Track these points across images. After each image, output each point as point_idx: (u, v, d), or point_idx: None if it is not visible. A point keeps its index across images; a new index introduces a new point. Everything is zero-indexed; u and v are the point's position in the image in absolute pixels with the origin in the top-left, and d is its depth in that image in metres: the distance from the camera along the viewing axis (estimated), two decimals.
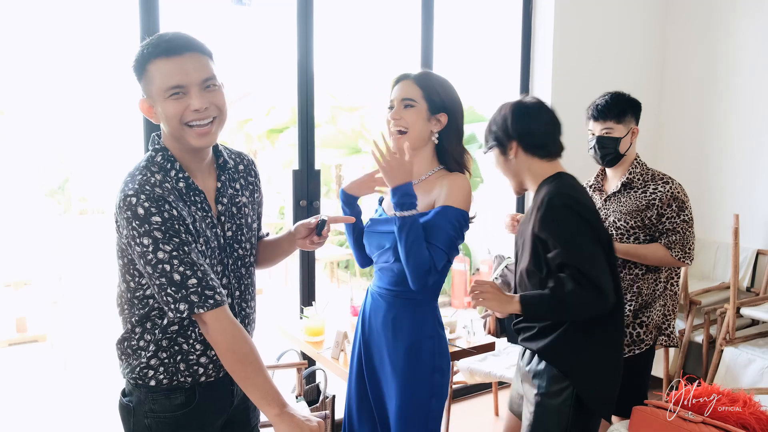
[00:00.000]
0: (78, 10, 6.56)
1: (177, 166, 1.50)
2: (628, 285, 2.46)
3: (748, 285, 3.90)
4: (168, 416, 1.56)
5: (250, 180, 1.70)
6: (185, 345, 1.53)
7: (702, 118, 4.18)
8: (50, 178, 9.08)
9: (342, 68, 7.74)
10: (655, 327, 2.48)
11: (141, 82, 1.49)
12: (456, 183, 1.82)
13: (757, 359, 3.29)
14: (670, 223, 2.38)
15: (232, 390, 1.66)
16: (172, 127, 1.47)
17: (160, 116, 1.48)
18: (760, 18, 3.85)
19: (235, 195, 1.63)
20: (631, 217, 2.43)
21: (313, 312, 2.86)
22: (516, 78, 4.05)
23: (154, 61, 1.44)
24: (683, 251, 2.38)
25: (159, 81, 1.44)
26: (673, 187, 2.41)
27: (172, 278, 1.40)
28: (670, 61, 4.34)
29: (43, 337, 5.03)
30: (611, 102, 2.44)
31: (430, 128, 1.86)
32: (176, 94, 1.44)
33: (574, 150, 4.08)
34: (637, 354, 2.44)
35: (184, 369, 1.54)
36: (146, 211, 1.39)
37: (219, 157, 1.61)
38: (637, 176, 2.47)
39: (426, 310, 1.89)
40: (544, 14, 3.93)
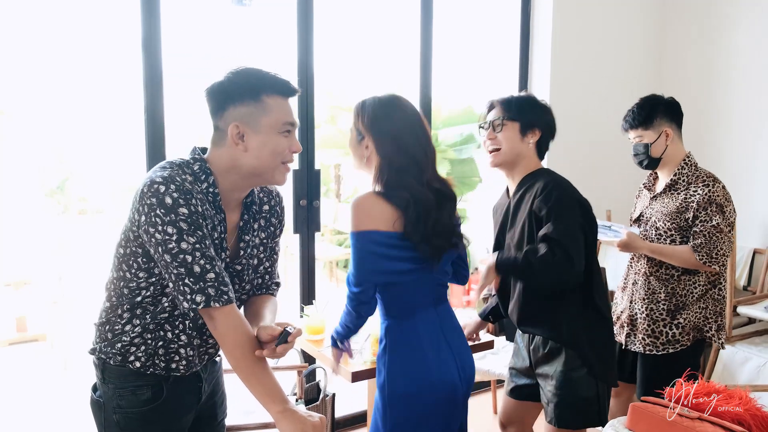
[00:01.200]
0: (78, 9, 6.57)
1: (211, 180, 1.52)
2: (662, 284, 2.48)
3: (745, 284, 3.92)
4: (135, 412, 1.58)
5: (272, 221, 1.73)
6: (170, 334, 1.56)
7: (699, 117, 4.20)
8: (50, 178, 9.09)
9: (341, 68, 7.75)
10: (694, 329, 2.47)
11: (241, 107, 1.49)
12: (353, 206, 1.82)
13: (753, 357, 3.31)
14: (702, 225, 2.36)
15: (200, 387, 1.69)
16: (269, 161, 1.52)
17: (253, 146, 1.50)
18: (758, 17, 3.87)
19: (253, 236, 1.67)
20: (669, 219, 2.44)
21: (314, 311, 2.88)
22: (515, 77, 4.07)
23: (274, 96, 1.51)
24: (709, 256, 2.34)
25: (277, 116, 1.51)
26: (713, 190, 2.37)
27: (192, 269, 1.42)
28: (668, 61, 4.36)
29: (43, 336, 5.05)
30: (637, 110, 2.49)
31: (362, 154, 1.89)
32: (287, 132, 1.53)
33: (573, 149, 4.11)
34: (671, 353, 2.48)
35: (162, 354, 1.57)
36: (174, 201, 1.41)
37: (249, 195, 1.64)
38: (683, 177, 2.46)
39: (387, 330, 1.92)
40: (542, 13, 3.95)
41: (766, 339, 3.51)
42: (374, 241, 1.77)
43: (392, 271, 1.80)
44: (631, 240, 2.44)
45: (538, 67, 4.01)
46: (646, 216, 2.56)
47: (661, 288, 2.48)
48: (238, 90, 1.49)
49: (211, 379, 1.77)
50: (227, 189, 1.55)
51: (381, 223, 1.77)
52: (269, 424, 2.53)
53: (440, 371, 1.86)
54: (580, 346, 2.07)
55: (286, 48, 3.31)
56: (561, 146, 4.00)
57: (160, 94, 2.79)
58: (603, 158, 4.06)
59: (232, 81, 1.51)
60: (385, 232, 1.77)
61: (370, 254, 1.78)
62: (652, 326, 2.50)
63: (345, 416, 3.54)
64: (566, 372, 2.08)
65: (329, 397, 3.01)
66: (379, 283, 1.82)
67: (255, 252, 1.69)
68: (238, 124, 1.49)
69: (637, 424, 1.82)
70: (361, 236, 1.78)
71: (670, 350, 2.48)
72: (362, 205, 1.79)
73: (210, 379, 1.76)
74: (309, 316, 2.85)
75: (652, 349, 2.50)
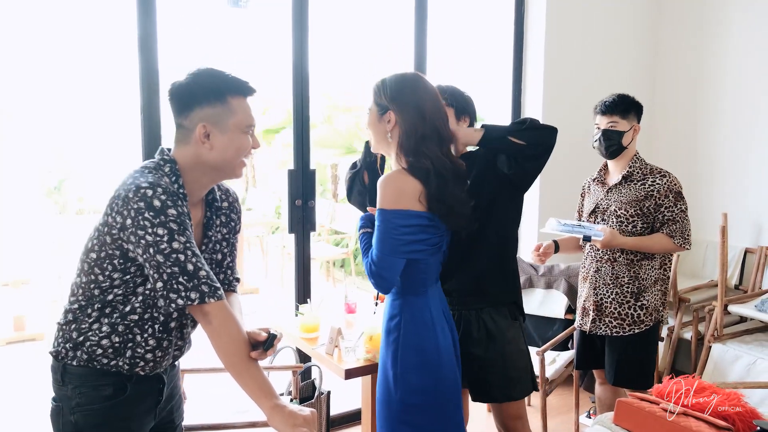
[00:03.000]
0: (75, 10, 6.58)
1: (180, 182, 1.57)
2: (626, 268, 2.67)
3: (737, 283, 3.96)
4: (95, 408, 1.58)
5: (231, 217, 1.78)
6: (138, 337, 1.58)
7: (692, 118, 4.23)
8: (48, 178, 9.10)
9: (337, 69, 7.78)
10: (655, 309, 2.70)
11: (208, 108, 1.55)
12: (381, 181, 1.89)
13: (744, 355, 3.35)
14: (669, 212, 2.61)
15: (161, 389, 1.70)
16: (231, 158, 1.59)
17: (219, 145, 1.56)
18: (751, 18, 3.91)
19: (216, 232, 1.72)
20: (630, 206, 2.63)
21: (308, 309, 2.91)
22: (508, 77, 4.10)
23: (237, 98, 1.58)
24: (683, 238, 2.62)
25: (242, 116, 1.58)
26: (670, 180, 2.63)
27: (185, 268, 1.46)
28: (662, 62, 4.40)
29: (41, 335, 5.06)
30: (618, 99, 2.67)
31: (383, 129, 1.93)
32: (249, 131, 1.61)
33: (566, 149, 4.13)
34: (637, 333, 2.68)
35: (129, 356, 1.58)
36: (163, 204, 1.45)
37: (210, 193, 1.70)
38: (636, 170, 2.68)
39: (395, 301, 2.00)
40: (536, 14, 3.98)
41: (756, 337, 3.55)
42: (400, 218, 1.85)
43: (415, 248, 1.88)
44: (613, 237, 2.57)
45: (531, 68, 4.04)
46: (602, 207, 2.73)
47: (625, 272, 2.67)
48: (204, 91, 1.55)
49: (170, 383, 1.78)
50: (191, 187, 1.60)
51: (407, 200, 1.85)
52: (257, 423, 2.55)
53: (446, 343, 1.99)
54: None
55: (281, 49, 3.34)
56: (555, 147, 4.04)
57: (156, 95, 2.82)
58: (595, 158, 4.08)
59: (197, 82, 1.56)
60: (411, 210, 1.85)
61: (394, 231, 1.85)
62: (618, 309, 2.68)
63: (340, 414, 3.57)
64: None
65: (324, 395, 3.04)
66: (402, 258, 1.88)
67: (218, 247, 1.73)
68: (206, 125, 1.55)
69: (624, 419, 1.86)
70: (389, 214, 1.85)
71: (636, 330, 2.68)
72: (390, 183, 1.87)
73: (169, 382, 1.77)
74: (304, 314, 2.89)
75: (618, 331, 2.69)
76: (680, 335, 3.83)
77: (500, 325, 2.19)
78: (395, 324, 1.98)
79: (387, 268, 1.87)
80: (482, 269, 2.16)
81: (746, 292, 3.85)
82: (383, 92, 1.92)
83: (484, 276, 2.17)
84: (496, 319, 2.18)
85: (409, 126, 1.88)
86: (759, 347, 3.40)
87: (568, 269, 3.72)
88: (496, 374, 2.20)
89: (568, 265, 3.74)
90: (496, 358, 2.18)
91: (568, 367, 3.43)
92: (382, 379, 2.02)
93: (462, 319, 2.21)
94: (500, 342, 2.18)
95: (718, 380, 3.33)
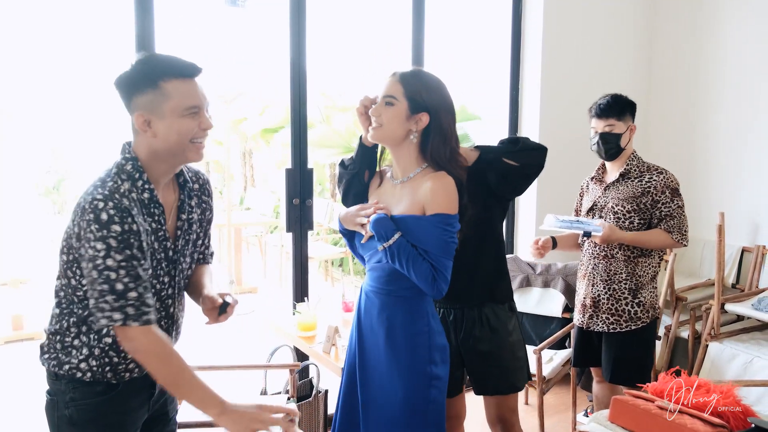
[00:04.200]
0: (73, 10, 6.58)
1: (144, 177, 1.56)
2: (624, 264, 2.69)
3: (734, 282, 3.97)
4: (89, 403, 1.59)
5: (203, 199, 1.78)
6: (116, 358, 1.59)
7: (688, 117, 4.24)
8: (46, 177, 9.11)
9: (335, 68, 7.78)
10: (651, 306, 2.73)
11: (143, 96, 1.53)
12: (440, 186, 1.86)
13: (740, 354, 3.36)
14: (666, 208, 2.63)
15: (153, 383, 1.69)
16: (177, 143, 1.55)
17: (161, 131, 1.54)
18: (747, 18, 3.92)
19: (190, 211, 1.71)
20: (627, 203, 2.67)
21: (306, 308, 2.92)
22: (506, 77, 4.11)
23: (172, 81, 1.52)
24: (680, 233, 2.64)
25: (178, 100, 1.52)
26: (666, 176, 2.66)
27: (114, 287, 1.45)
28: (657, 61, 4.41)
29: (40, 335, 5.07)
30: (612, 101, 2.68)
31: (409, 127, 1.89)
32: (192, 114, 1.55)
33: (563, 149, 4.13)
34: (633, 329, 2.71)
35: (111, 376, 1.60)
36: (109, 218, 1.45)
37: (180, 175, 1.70)
38: (633, 168, 2.71)
39: (418, 306, 1.95)
40: (533, 14, 3.99)
41: (753, 336, 3.55)
42: (456, 222, 1.88)
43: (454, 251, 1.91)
44: (612, 232, 2.58)
45: (529, 67, 4.05)
46: (599, 204, 2.76)
47: (622, 269, 2.70)
48: (138, 79, 1.53)
49: None
50: (155, 175, 1.59)
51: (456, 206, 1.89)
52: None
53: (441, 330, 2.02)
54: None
55: (279, 48, 3.35)
56: (552, 146, 4.05)
57: None
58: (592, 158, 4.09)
59: (133, 70, 1.54)
60: (456, 215, 1.88)
61: (454, 236, 1.87)
62: (615, 305, 2.71)
63: None
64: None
65: (322, 393, 3.05)
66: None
67: (194, 228, 1.73)
68: (142, 113, 1.53)
69: (620, 417, 1.87)
70: (453, 219, 1.87)
71: (633, 327, 2.70)
72: (450, 187, 1.87)
73: None
74: (301, 313, 2.90)
75: (616, 327, 2.72)
76: (677, 334, 3.83)
77: (502, 318, 2.23)
78: (423, 326, 1.95)
79: (449, 271, 1.87)
80: (486, 270, 2.18)
81: (743, 290, 3.86)
82: (421, 91, 1.88)
83: (487, 277, 2.19)
84: (498, 314, 2.22)
85: (447, 133, 1.90)
86: (756, 346, 3.41)
87: (565, 268, 3.73)
88: (502, 366, 2.23)
89: (565, 264, 3.75)
90: (501, 351, 2.22)
91: (565, 366, 3.44)
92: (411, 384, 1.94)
93: (465, 316, 2.22)
94: (503, 334, 2.22)
95: (715, 378, 3.34)
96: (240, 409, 1.48)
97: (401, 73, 1.91)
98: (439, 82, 1.95)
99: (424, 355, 1.93)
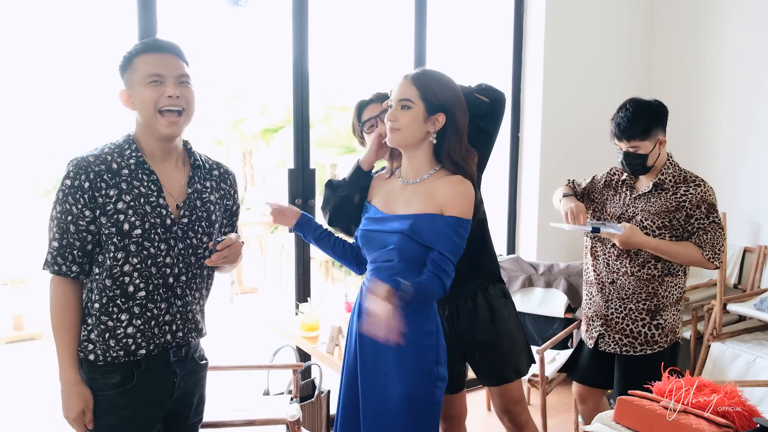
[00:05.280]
0: (75, 9, 6.58)
1: (134, 147, 1.70)
2: (644, 284, 2.44)
3: (736, 282, 3.96)
4: (104, 395, 1.68)
5: (223, 186, 1.85)
6: (110, 322, 1.67)
7: (688, 117, 4.24)
8: (45, 177, 9.10)
9: (335, 68, 7.78)
10: (671, 330, 2.48)
11: (124, 75, 1.69)
12: (458, 190, 1.86)
13: (742, 354, 3.36)
14: (699, 223, 2.35)
15: (174, 382, 1.75)
16: (147, 113, 1.67)
17: (136, 103, 1.68)
18: (746, 18, 3.91)
19: (203, 191, 1.79)
20: (658, 218, 2.39)
21: (308, 308, 2.91)
22: (508, 77, 4.11)
23: (140, 55, 1.67)
24: (713, 251, 2.34)
25: (142, 70, 1.66)
26: (704, 190, 2.37)
27: (49, 235, 1.65)
28: (657, 61, 4.41)
29: (41, 335, 5.06)
30: (633, 119, 2.36)
31: (427, 129, 1.88)
32: (155, 82, 1.65)
33: (564, 149, 4.14)
34: (649, 354, 2.46)
35: (114, 344, 1.67)
36: (66, 174, 1.62)
37: (192, 156, 1.80)
38: (669, 177, 2.42)
39: (426, 306, 1.94)
40: (535, 14, 3.99)
41: (755, 336, 3.56)
42: (467, 229, 1.88)
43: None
44: (633, 233, 2.32)
45: (530, 67, 4.05)
46: (627, 215, 2.47)
47: (642, 288, 2.43)
48: (122, 62, 1.70)
49: (190, 379, 1.81)
50: (150, 150, 1.72)
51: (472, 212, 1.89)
52: (255, 421, 2.55)
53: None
54: None
55: (280, 48, 3.35)
56: (554, 146, 4.06)
57: None
58: (594, 158, 4.09)
59: (121, 57, 1.71)
60: (470, 220, 1.89)
61: (465, 239, 1.88)
62: (631, 326, 2.46)
63: None
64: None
65: (324, 394, 3.05)
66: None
67: (208, 206, 1.79)
68: (125, 89, 1.70)
69: (625, 417, 1.86)
70: (467, 223, 1.88)
71: (648, 351, 2.46)
72: (468, 193, 1.87)
73: (188, 378, 1.80)
74: (304, 313, 2.89)
75: (629, 349, 2.47)
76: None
77: (495, 305, 2.24)
78: (432, 326, 1.95)
79: (452, 269, 1.87)
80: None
81: (745, 291, 3.85)
82: (436, 92, 1.87)
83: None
84: (491, 301, 2.23)
85: (461, 130, 1.90)
86: (758, 346, 3.41)
87: (567, 268, 3.72)
88: (502, 354, 2.24)
89: (567, 264, 3.74)
90: (500, 338, 2.23)
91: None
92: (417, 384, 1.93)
93: (459, 310, 2.22)
94: (500, 321, 2.23)
95: (717, 379, 3.34)
96: (65, 392, 1.69)
97: (413, 75, 1.90)
98: (450, 79, 1.94)
99: (432, 355, 1.92)
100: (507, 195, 4.21)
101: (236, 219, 1.92)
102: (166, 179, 1.72)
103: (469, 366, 2.34)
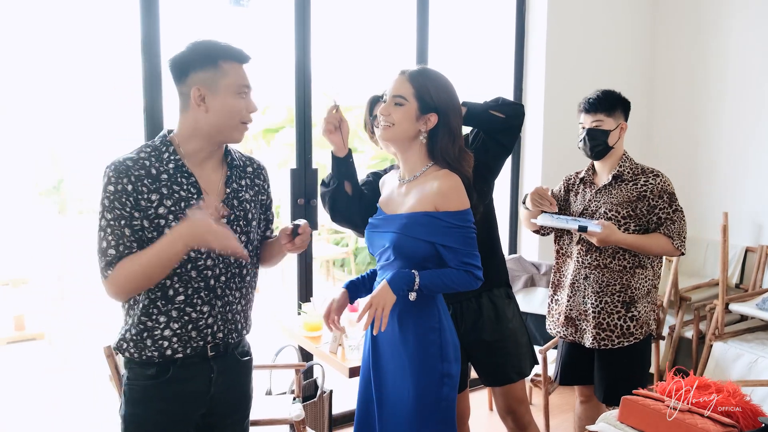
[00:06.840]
0: (76, 9, 6.58)
1: (171, 149, 1.68)
2: (617, 276, 2.50)
3: (737, 281, 3.97)
4: (139, 384, 1.70)
5: (257, 182, 1.86)
6: (149, 322, 1.67)
7: (691, 117, 4.24)
8: (46, 177, 9.08)
9: (337, 69, 7.77)
10: (645, 322, 2.55)
11: (201, 73, 1.64)
12: (449, 185, 1.87)
13: (745, 354, 3.36)
14: (665, 213, 2.46)
15: (211, 377, 1.74)
16: (228, 120, 1.66)
17: (214, 107, 1.64)
18: (749, 17, 3.92)
19: (239, 189, 1.78)
20: (622, 208, 2.48)
21: (311, 308, 2.91)
22: (510, 77, 4.11)
23: (228, 60, 1.66)
24: (680, 239, 2.47)
25: (233, 79, 1.66)
26: (663, 180, 2.50)
27: (101, 245, 1.61)
28: (660, 61, 4.41)
29: (42, 335, 5.06)
30: (602, 96, 2.53)
31: (418, 127, 1.90)
32: (244, 94, 1.68)
33: (570, 146, 4.13)
34: (626, 346, 2.52)
35: (150, 344, 1.67)
36: (108, 180, 1.60)
37: (228, 155, 1.79)
38: (626, 170, 2.53)
39: (429, 303, 1.94)
40: (537, 14, 3.99)
41: (757, 336, 3.56)
42: (471, 216, 1.90)
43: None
44: (612, 232, 2.39)
45: (532, 68, 4.05)
46: (591, 209, 2.55)
47: (616, 280, 2.51)
48: (198, 57, 1.64)
49: (231, 375, 1.80)
50: (193, 151, 1.70)
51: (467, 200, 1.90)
52: (258, 421, 2.56)
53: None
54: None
55: (282, 48, 3.34)
56: (555, 147, 4.05)
57: (159, 95, 2.83)
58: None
59: (192, 50, 1.66)
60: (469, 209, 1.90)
61: (473, 228, 1.88)
62: (607, 319, 2.51)
63: (343, 413, 3.57)
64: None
65: (326, 393, 3.04)
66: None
67: (246, 206, 1.80)
68: (200, 87, 1.63)
69: (629, 417, 1.86)
70: (467, 213, 1.88)
71: (625, 343, 2.52)
72: (457, 185, 1.88)
73: (229, 374, 1.79)
74: (306, 313, 2.89)
75: (607, 343, 2.52)
76: (681, 334, 3.83)
77: (499, 305, 2.25)
78: (434, 322, 1.95)
79: (479, 259, 1.89)
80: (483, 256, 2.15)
81: (747, 290, 3.86)
82: (431, 92, 1.88)
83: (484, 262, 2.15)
84: (495, 301, 2.24)
85: (455, 132, 1.92)
86: (760, 345, 3.41)
87: None
88: (506, 354, 2.25)
89: None
90: (504, 339, 2.24)
91: None
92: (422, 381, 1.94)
93: (464, 309, 2.23)
94: (504, 322, 2.25)
95: (719, 378, 3.34)
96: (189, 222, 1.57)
97: (410, 72, 1.91)
98: (447, 81, 1.95)
99: (436, 352, 1.92)
100: (509, 195, 4.21)
101: (270, 213, 1.94)
102: (205, 180, 1.72)
103: (472, 366, 2.35)
